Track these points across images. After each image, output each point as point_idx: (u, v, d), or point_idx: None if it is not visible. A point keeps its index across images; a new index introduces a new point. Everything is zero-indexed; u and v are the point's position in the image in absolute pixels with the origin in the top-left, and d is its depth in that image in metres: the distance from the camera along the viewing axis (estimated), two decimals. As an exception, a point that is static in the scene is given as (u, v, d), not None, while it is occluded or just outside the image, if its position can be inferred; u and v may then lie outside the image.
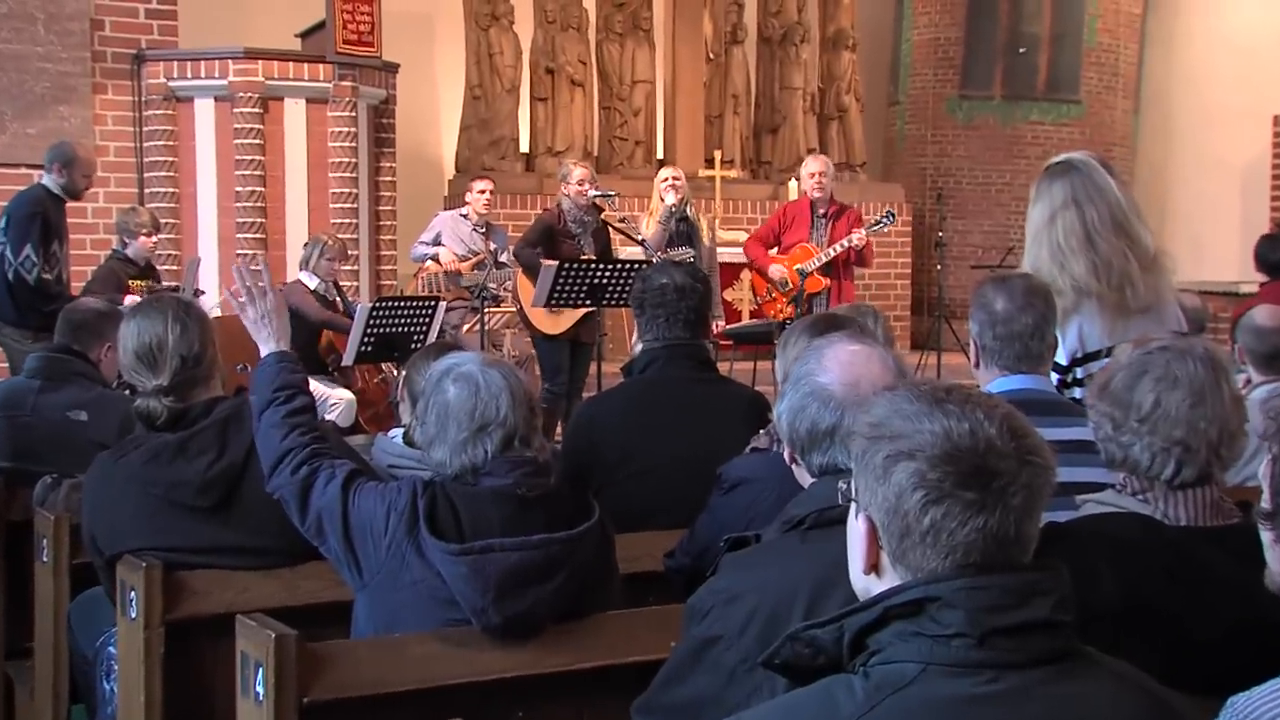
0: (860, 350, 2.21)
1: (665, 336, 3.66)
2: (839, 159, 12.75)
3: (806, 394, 2.19)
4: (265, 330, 3.02)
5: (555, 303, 6.79)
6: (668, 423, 3.52)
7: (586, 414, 3.70)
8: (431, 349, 3.52)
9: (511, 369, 2.67)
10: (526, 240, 7.61)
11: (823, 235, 7.92)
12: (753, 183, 12.42)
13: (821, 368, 2.20)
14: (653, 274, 3.72)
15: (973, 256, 12.94)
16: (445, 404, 2.61)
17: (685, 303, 3.66)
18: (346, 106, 9.07)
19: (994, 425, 1.53)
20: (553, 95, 11.68)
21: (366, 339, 6.58)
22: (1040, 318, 3.01)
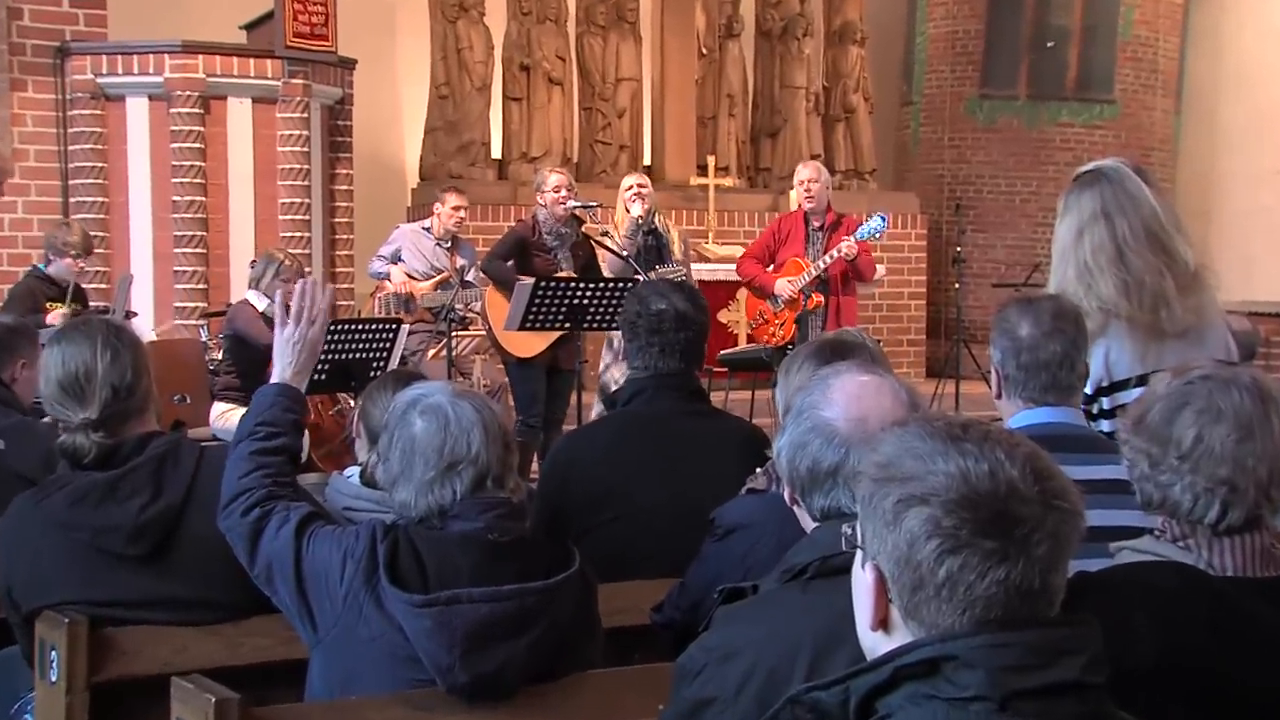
0: (870, 382, 2.22)
1: (657, 366, 3.67)
2: (846, 165, 12.81)
3: (808, 429, 2.21)
4: (290, 356, 3.04)
5: (531, 325, 6.80)
6: (655, 461, 3.53)
7: (565, 450, 3.70)
8: (390, 378, 3.54)
9: (484, 400, 2.68)
10: (496, 253, 7.64)
11: (819, 249, 7.98)
12: (750, 192, 12.47)
13: (826, 400, 2.21)
14: (651, 296, 3.73)
15: (995, 274, 12.99)
16: (411, 439, 2.62)
17: (684, 333, 3.68)
18: (297, 107, 9.09)
19: (1016, 466, 1.54)
20: (528, 95, 11.73)
21: (320, 366, 6.57)
22: (1070, 344, 3.02)
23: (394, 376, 3.54)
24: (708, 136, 12.40)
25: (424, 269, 8.37)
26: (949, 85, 13.56)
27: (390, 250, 8.43)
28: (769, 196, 12.33)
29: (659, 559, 3.34)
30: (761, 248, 8.22)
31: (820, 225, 8.04)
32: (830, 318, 7.90)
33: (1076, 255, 3.45)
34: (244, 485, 2.81)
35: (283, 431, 2.92)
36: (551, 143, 11.74)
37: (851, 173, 12.90)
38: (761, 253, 8.19)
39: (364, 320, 7.10)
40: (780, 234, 8.13)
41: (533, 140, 11.71)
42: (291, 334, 3.05)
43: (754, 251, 8.29)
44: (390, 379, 3.52)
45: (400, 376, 3.52)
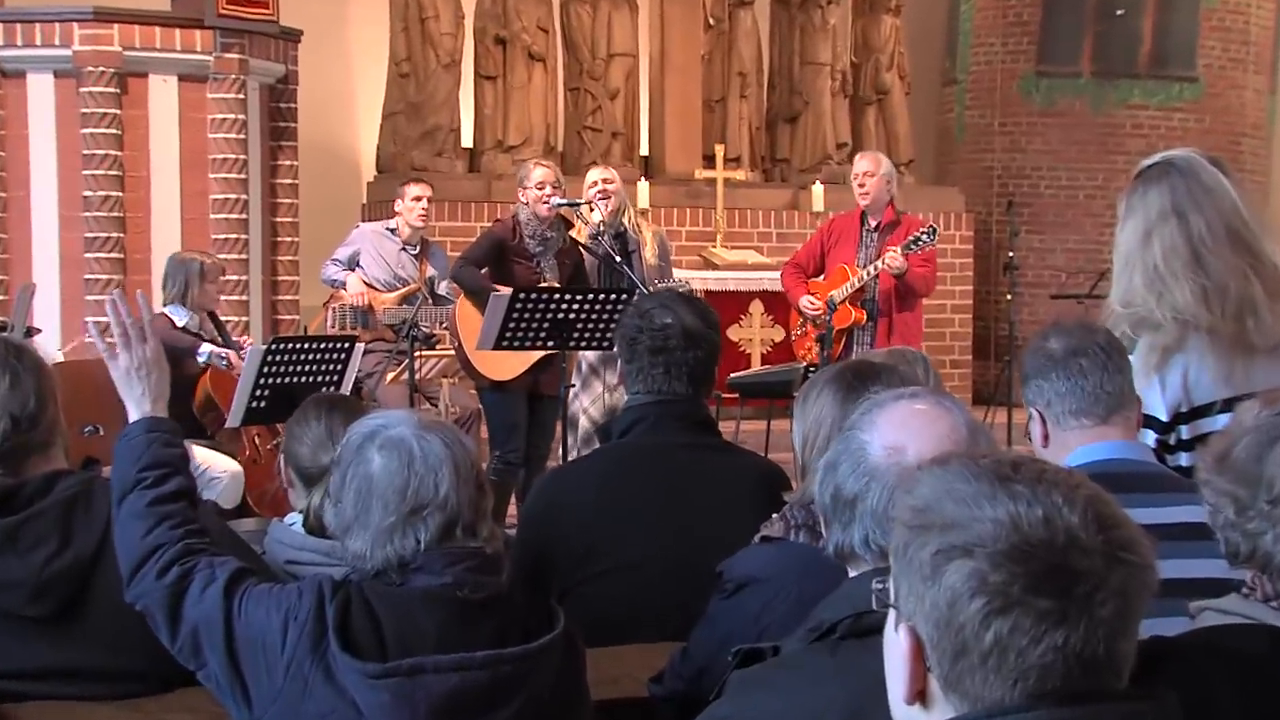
0: (926, 411, 2.24)
1: (661, 391, 3.68)
2: (879, 156, 12.84)
3: (842, 449, 2.25)
4: (139, 386, 3.01)
5: (509, 344, 6.81)
6: (654, 503, 3.54)
7: (549, 491, 3.71)
8: (312, 407, 3.53)
9: (454, 433, 2.69)
10: (469, 257, 7.64)
11: (871, 254, 8.00)
12: (765, 186, 12.51)
13: (868, 421, 2.24)
14: (654, 309, 3.74)
15: (1054, 283, 13.03)
16: (368, 479, 2.63)
17: (694, 352, 3.69)
18: (232, 86, 9.12)
19: (1076, 511, 1.54)
20: (504, 72, 11.77)
21: (259, 392, 6.58)
22: (1105, 358, 3.05)
23: (316, 404, 3.53)
24: (715, 122, 12.44)
25: (386, 278, 8.37)
26: (1000, 61, 13.60)
27: (347, 254, 8.43)
28: (787, 192, 12.36)
29: (658, 619, 3.34)
30: (807, 254, 8.26)
31: (875, 226, 8.07)
32: (880, 338, 7.91)
33: (1144, 260, 3.46)
34: (150, 544, 2.78)
35: (173, 470, 2.90)
36: (532, 129, 11.77)
37: (886, 164, 12.93)
38: (806, 259, 8.22)
39: (311, 338, 7.10)
40: (830, 236, 8.16)
41: (510, 126, 11.74)
42: (128, 362, 3.00)
43: (798, 259, 8.34)
44: (312, 408, 3.52)
45: (325, 404, 3.52)
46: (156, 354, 3.02)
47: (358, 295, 8.27)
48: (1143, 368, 3.37)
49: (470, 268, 7.57)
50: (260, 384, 6.57)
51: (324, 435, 3.41)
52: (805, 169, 12.54)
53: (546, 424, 7.72)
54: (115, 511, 2.88)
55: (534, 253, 7.63)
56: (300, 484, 3.45)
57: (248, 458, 7.35)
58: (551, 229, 7.64)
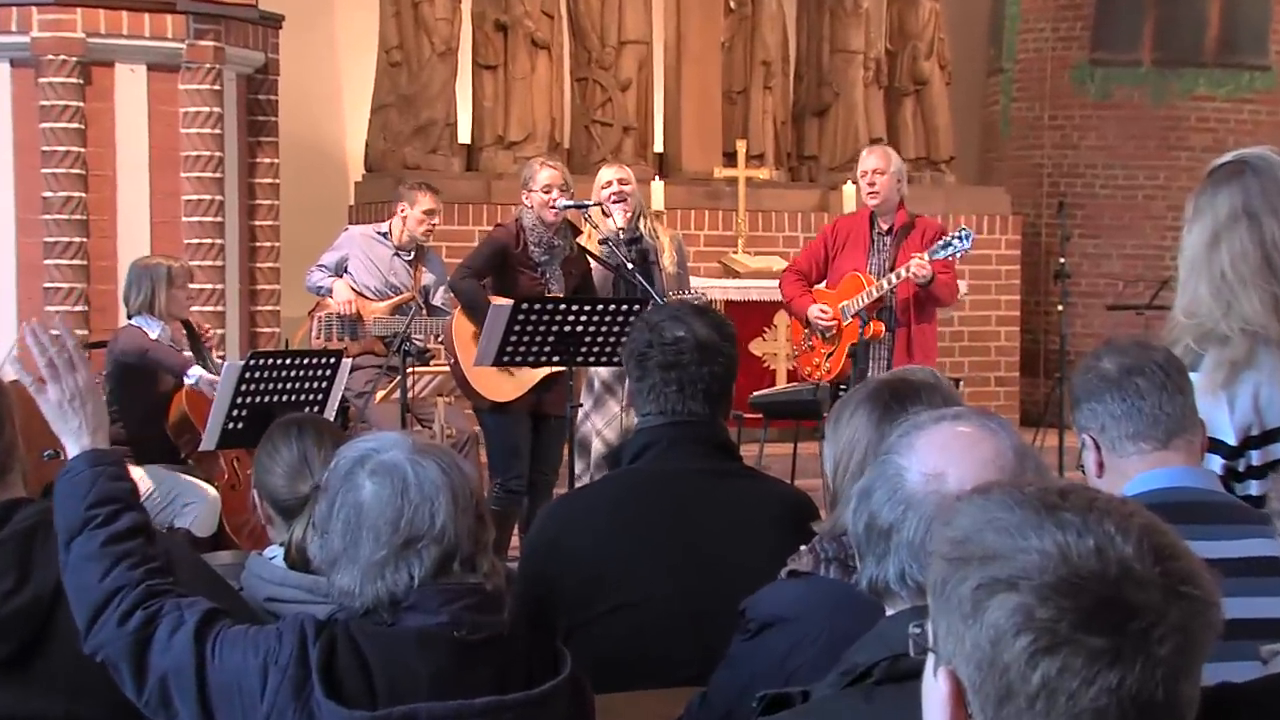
0: (969, 435, 2.25)
1: (675, 411, 3.69)
2: (916, 151, 12.86)
3: (878, 475, 2.26)
4: (74, 419, 2.99)
5: (510, 359, 6.82)
6: (670, 535, 3.54)
7: (554, 521, 3.72)
8: (279, 431, 3.53)
9: (452, 458, 2.70)
10: (471, 266, 7.64)
11: (885, 260, 8.01)
12: (792, 186, 12.53)
13: (907, 444, 2.25)
14: (665, 322, 3.75)
15: (1110, 293, 13.03)
16: (358, 507, 2.64)
17: (709, 368, 3.69)
18: (206, 76, 9.15)
19: (1130, 541, 1.55)
20: (505, 61, 11.79)
21: (236, 412, 6.60)
22: (1164, 377, 3.05)
23: (283, 429, 3.53)
24: (736, 116, 12.46)
25: (377, 285, 8.38)
26: (1050, 48, 13.61)
27: (334, 259, 8.44)
28: (815, 193, 12.38)
29: (674, 661, 3.34)
30: (809, 260, 8.25)
31: (888, 229, 8.08)
32: (898, 352, 7.92)
33: (1211, 267, 3.47)
34: (109, 588, 2.77)
35: (124, 505, 2.88)
36: (535, 124, 11.79)
37: (923, 161, 12.94)
38: (808, 265, 8.22)
39: (293, 352, 7.13)
40: (835, 240, 8.14)
41: (511, 120, 11.77)
42: (58, 394, 2.99)
43: (798, 264, 8.32)
44: (279, 433, 3.52)
45: (293, 427, 3.52)
46: (88, 384, 3.00)
47: (345, 303, 8.28)
48: (1208, 386, 3.37)
49: (472, 280, 7.57)
50: (237, 403, 6.59)
51: (297, 461, 3.43)
52: (835, 167, 12.55)
53: (552, 448, 7.73)
54: (64, 557, 2.87)
55: (539, 262, 7.64)
56: (278, 518, 3.46)
57: (226, 483, 7.37)
58: (558, 236, 7.66)
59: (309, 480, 3.37)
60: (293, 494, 3.40)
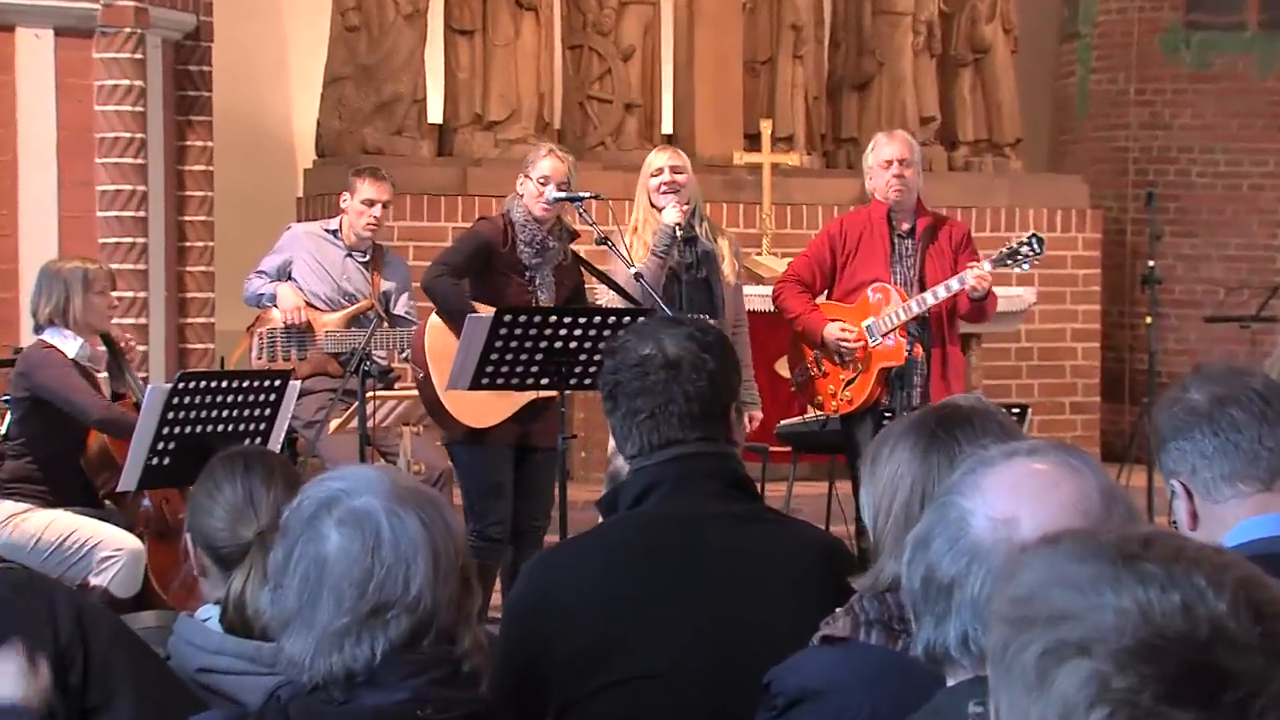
0: (1047, 473, 2.26)
1: (652, 444, 3.69)
2: (976, 133, 12.87)
3: (936, 521, 2.26)
4: None
5: (490, 381, 6.82)
6: (680, 593, 3.54)
7: (542, 577, 3.72)
8: (220, 467, 3.52)
9: (436, 508, 2.68)
10: (448, 263, 7.62)
11: (911, 268, 8.02)
12: (826, 175, 12.54)
13: (973, 486, 2.26)
14: (629, 340, 3.76)
15: (1209, 301, 13.03)
16: (320, 561, 2.63)
17: (683, 386, 3.68)
18: (126, 43, 9.17)
19: (1224, 597, 1.55)
20: (484, 25, 11.80)
21: (162, 445, 6.60)
22: (1261, 401, 3.06)
23: (226, 463, 3.53)
24: (761, 91, 12.48)
25: (328, 292, 8.39)
26: (1137, 9, 13.62)
27: (276, 263, 8.44)
28: (854, 182, 12.31)
29: (686, 744, 3.35)
30: (811, 266, 8.22)
31: (909, 230, 8.10)
32: (934, 378, 7.94)
33: None
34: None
35: None
36: (520, 100, 11.79)
37: (984, 145, 12.94)
38: (811, 273, 8.19)
39: (230, 373, 7.12)
40: (844, 242, 8.13)
41: (491, 96, 11.77)
42: None
43: (798, 272, 8.28)
44: (222, 468, 3.52)
45: (238, 461, 3.52)
46: None
47: (292, 311, 8.27)
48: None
49: (450, 279, 7.56)
50: (164, 434, 6.58)
51: (241, 501, 3.43)
52: (879, 151, 12.54)
53: (540, 487, 7.74)
54: None
55: (529, 265, 7.66)
56: (215, 569, 3.46)
57: (151, 530, 7.35)
58: (555, 238, 7.67)
59: (253, 524, 3.37)
60: (234, 540, 3.40)
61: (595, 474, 10.79)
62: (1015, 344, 12.14)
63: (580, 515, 7.61)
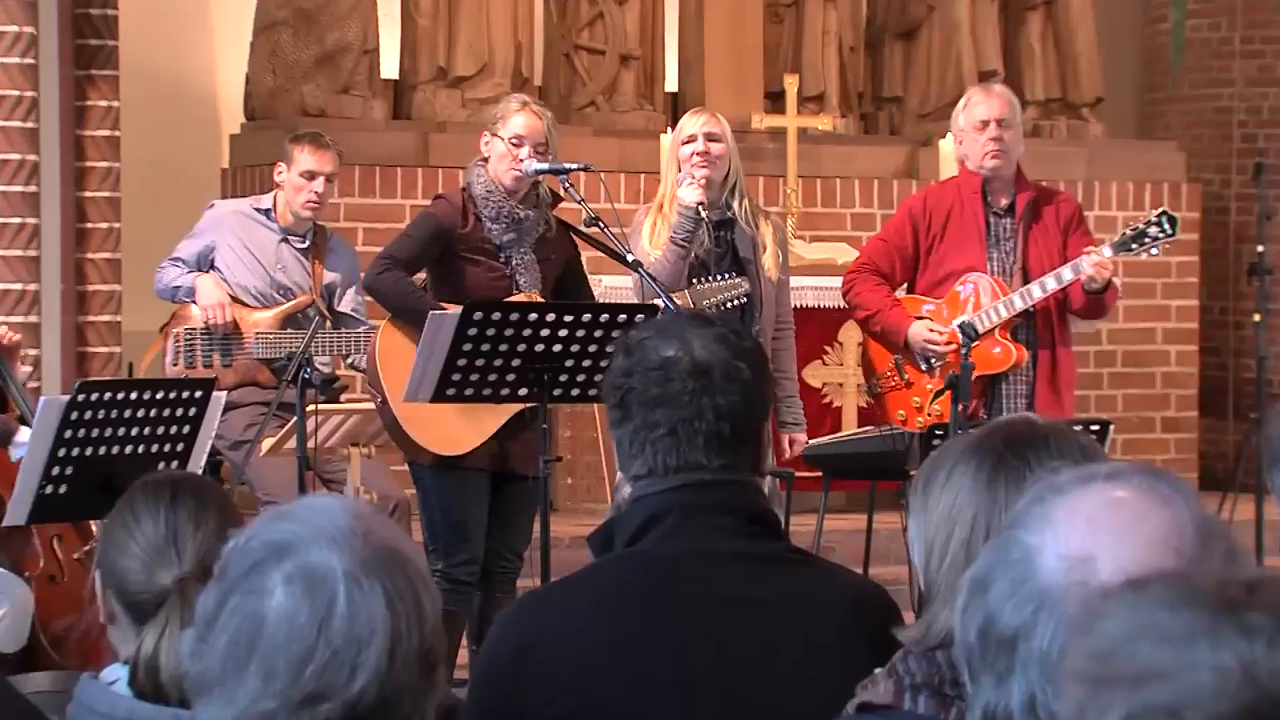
0: (1131, 503, 2.24)
1: (668, 466, 3.68)
2: (1047, 91, 12.90)
3: (996, 560, 2.24)
4: None
5: (456, 393, 6.82)
6: (687, 650, 3.55)
7: (523, 628, 3.71)
8: (153, 493, 3.50)
9: (410, 577, 2.63)
10: (394, 255, 7.63)
11: (1011, 253, 7.98)
12: (865, 141, 12.56)
13: (1041, 518, 2.24)
14: (649, 338, 3.73)
15: (1333, 294, 13.03)
16: (257, 621, 2.59)
17: (711, 398, 3.66)
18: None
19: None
20: (448, -37, 11.81)
21: (58, 470, 6.59)
22: None
23: (150, 491, 3.51)
24: (785, 40, 12.49)
25: (259, 285, 8.39)
26: (1241, -57, 13.64)
27: (196, 249, 8.44)
28: (900, 150, 12.40)
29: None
30: (889, 252, 8.20)
31: (1007, 207, 8.08)
32: (1041, 388, 7.91)
33: None
34: None
35: None
36: (493, 51, 11.79)
37: (1056, 105, 12.95)
38: (889, 261, 8.17)
39: (142, 383, 7.11)
40: (928, 224, 8.11)
41: (458, 46, 11.77)
42: None
43: (874, 259, 8.26)
44: (144, 497, 3.50)
45: (165, 490, 3.50)
46: None
47: (215, 308, 8.27)
48: None
49: (397, 272, 7.54)
50: (59, 457, 6.58)
51: (163, 540, 3.42)
52: (928, 114, 12.56)
53: (519, 521, 7.75)
54: None
55: (500, 245, 7.64)
56: (126, 618, 3.45)
57: (42, 574, 7.36)
58: (529, 204, 7.64)
59: (174, 568, 3.36)
60: (149, 585, 3.39)
61: (584, 504, 10.81)
62: (1094, 347, 12.13)
63: (565, 554, 7.62)
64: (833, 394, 11.17)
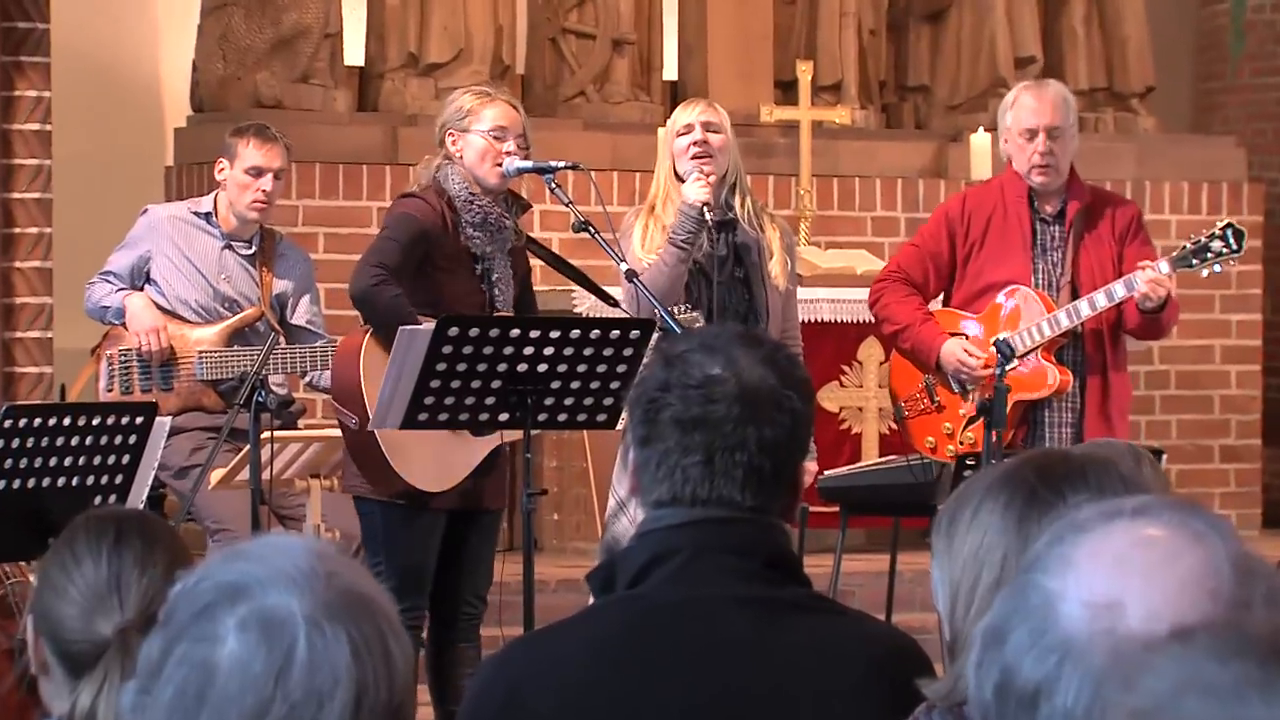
0: (1164, 541, 2.24)
1: (698, 498, 3.68)
2: (1092, 80, 12.90)
3: (1013, 608, 2.25)
4: None
5: (430, 417, 6.82)
6: (692, 704, 3.56)
7: (506, 681, 3.72)
8: (94, 531, 3.52)
9: (378, 624, 2.62)
10: (385, 263, 7.54)
11: (1057, 264, 7.98)
12: (887, 137, 12.58)
13: (1062, 560, 2.25)
14: (691, 351, 3.70)
15: None
16: (208, 671, 2.60)
17: (758, 428, 3.66)
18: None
19: None
20: (421, -65, 11.83)
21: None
22: None
23: (91, 528, 3.53)
24: (798, 23, 12.51)
25: (200, 298, 8.39)
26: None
27: (130, 260, 8.44)
28: (926, 146, 12.41)
29: None
30: (922, 260, 8.18)
31: (1056, 214, 8.09)
32: (1090, 416, 7.91)
33: None
34: None
35: None
36: (470, 35, 11.81)
37: (1102, 95, 12.95)
38: (922, 270, 8.15)
39: (75, 407, 7.12)
40: (967, 227, 8.09)
41: (430, 30, 11.78)
42: None
43: (905, 268, 8.24)
44: (84, 536, 3.52)
45: (107, 528, 3.52)
46: None
47: (148, 333, 8.25)
48: None
49: (394, 287, 7.43)
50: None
51: (104, 584, 3.43)
52: (958, 105, 12.57)
53: (485, 561, 7.78)
54: None
55: (480, 254, 7.65)
56: (60, 669, 3.47)
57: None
58: (502, 209, 7.64)
59: (115, 616, 3.38)
60: (87, 635, 3.40)
61: (572, 543, 10.81)
62: (1145, 367, 12.12)
63: (551, 599, 7.64)
64: (851, 419, 11.17)
